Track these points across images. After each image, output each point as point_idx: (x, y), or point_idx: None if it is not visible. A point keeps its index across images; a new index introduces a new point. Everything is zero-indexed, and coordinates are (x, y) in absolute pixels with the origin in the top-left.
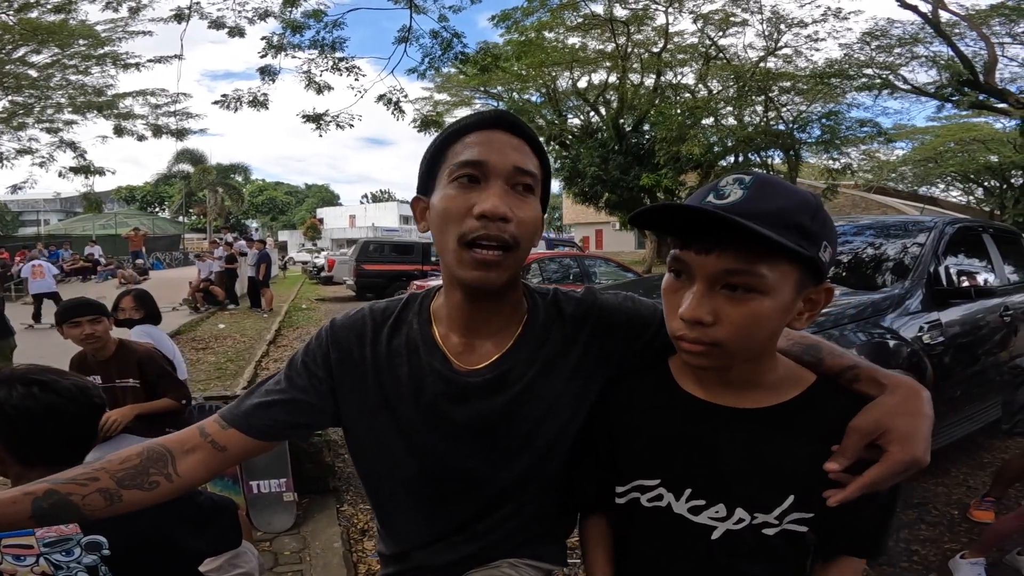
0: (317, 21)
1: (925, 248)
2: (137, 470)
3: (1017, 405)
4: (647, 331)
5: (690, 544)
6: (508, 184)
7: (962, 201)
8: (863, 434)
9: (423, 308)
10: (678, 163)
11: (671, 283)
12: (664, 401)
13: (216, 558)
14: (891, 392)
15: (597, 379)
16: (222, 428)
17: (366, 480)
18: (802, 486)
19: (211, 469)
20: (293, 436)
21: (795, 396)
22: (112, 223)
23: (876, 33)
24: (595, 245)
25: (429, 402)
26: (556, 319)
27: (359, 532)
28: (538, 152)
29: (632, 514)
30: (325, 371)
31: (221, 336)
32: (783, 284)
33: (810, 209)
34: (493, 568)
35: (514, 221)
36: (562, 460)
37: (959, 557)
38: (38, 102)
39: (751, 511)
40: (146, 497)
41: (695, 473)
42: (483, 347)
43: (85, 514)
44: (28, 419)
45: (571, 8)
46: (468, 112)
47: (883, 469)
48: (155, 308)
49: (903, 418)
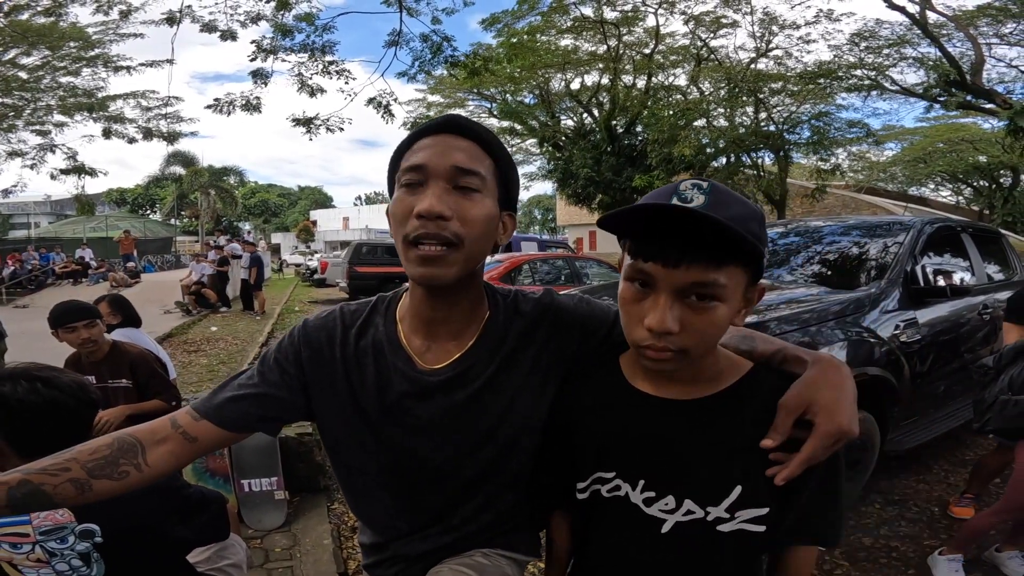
0: (308, 25)
1: (903, 247)
2: (107, 460)
3: (986, 404)
4: (601, 330)
5: (643, 535)
6: (449, 184)
7: (952, 201)
8: (790, 409)
9: (389, 310)
10: (670, 164)
11: (632, 293)
12: (616, 398)
13: (205, 549)
14: (811, 367)
15: (554, 375)
16: (194, 420)
17: (340, 473)
18: (747, 470)
19: (180, 459)
20: (262, 428)
21: (734, 383)
22: (103, 226)
23: (865, 34)
24: (588, 246)
25: (394, 400)
26: (515, 318)
27: (349, 529)
28: (493, 152)
29: (595, 505)
30: (296, 368)
31: (213, 339)
32: (736, 289)
33: (758, 216)
34: (466, 557)
35: (455, 219)
36: (527, 453)
37: (937, 554)
38: (28, 104)
39: (702, 504)
40: (115, 486)
41: (646, 465)
42: (445, 347)
43: (56, 503)
44: (31, 413)
45: (561, 11)
46: (462, 113)
47: (815, 441)
48: (132, 312)
49: (825, 391)
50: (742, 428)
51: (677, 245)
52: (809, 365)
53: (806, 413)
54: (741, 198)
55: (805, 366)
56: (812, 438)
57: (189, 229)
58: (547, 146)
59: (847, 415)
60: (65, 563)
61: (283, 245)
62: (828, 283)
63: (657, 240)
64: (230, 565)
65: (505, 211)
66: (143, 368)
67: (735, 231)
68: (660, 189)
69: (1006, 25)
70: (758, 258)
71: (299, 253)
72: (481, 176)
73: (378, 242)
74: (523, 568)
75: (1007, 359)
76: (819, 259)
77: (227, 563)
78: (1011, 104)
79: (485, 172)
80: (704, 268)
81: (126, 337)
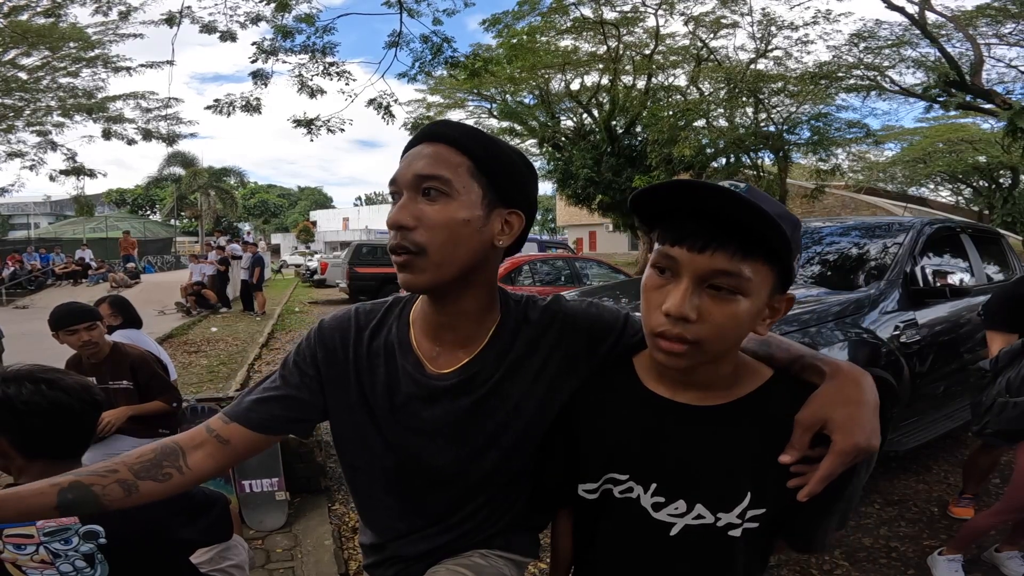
0: (309, 26)
1: (902, 248)
2: (151, 463)
3: (984, 407)
4: (610, 336)
5: (651, 538)
6: (415, 192)
7: (951, 201)
8: (806, 427)
9: (404, 312)
10: (670, 165)
11: (654, 279)
12: (631, 400)
13: (208, 550)
14: (829, 380)
15: (561, 382)
16: (225, 423)
17: (347, 472)
18: (758, 479)
19: (218, 461)
20: (292, 430)
21: (752, 391)
22: (103, 226)
23: (864, 35)
24: (588, 247)
25: (402, 402)
26: (523, 325)
27: (350, 530)
28: (470, 151)
29: (604, 505)
30: (314, 369)
31: (214, 339)
32: (761, 288)
33: (791, 221)
34: (464, 558)
35: (419, 227)
36: (529, 456)
37: (937, 554)
38: (28, 105)
39: (714, 510)
40: (160, 488)
41: (660, 469)
42: (454, 352)
43: (104, 504)
44: (36, 414)
45: (561, 12)
46: (462, 113)
47: (832, 459)
48: (133, 313)
49: (841, 408)
50: (758, 438)
51: (706, 229)
52: (827, 377)
53: (823, 429)
54: (776, 201)
55: (823, 377)
56: (829, 456)
57: (189, 230)
58: (547, 146)
59: (865, 432)
60: (69, 564)
61: (283, 246)
62: (828, 284)
63: (687, 224)
64: (232, 566)
65: (504, 209)
66: (144, 369)
67: (769, 217)
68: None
69: (1005, 25)
70: (787, 258)
71: (299, 254)
72: (444, 179)
73: (378, 243)
74: (522, 569)
75: (1004, 361)
76: (819, 260)
77: (230, 564)
78: (1010, 104)
79: (451, 174)
80: (730, 256)
81: (127, 338)
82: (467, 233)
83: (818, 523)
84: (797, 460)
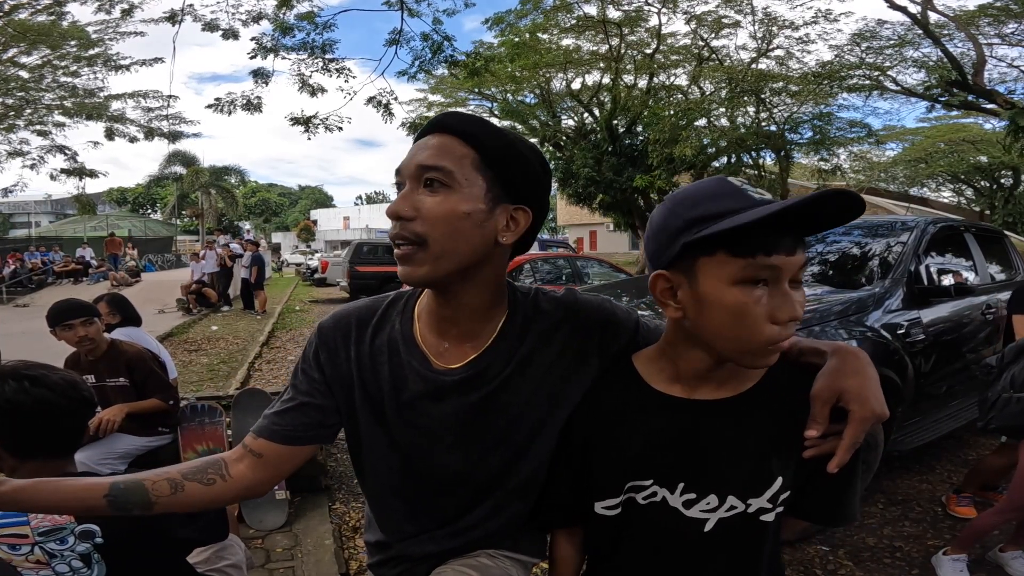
0: (309, 23)
1: (907, 247)
2: (198, 468)
3: (989, 402)
4: (623, 335)
5: (684, 536)
6: (417, 183)
7: (953, 201)
8: (824, 400)
9: (408, 306)
10: (671, 164)
11: (755, 295)
12: (642, 404)
13: (204, 549)
14: (832, 357)
15: (573, 378)
16: (254, 439)
17: (357, 473)
18: (784, 462)
19: (257, 473)
20: (316, 438)
21: (759, 381)
22: (104, 225)
23: (866, 34)
24: (589, 246)
25: (408, 400)
26: (535, 318)
27: (351, 529)
28: (477, 142)
29: (628, 515)
30: (319, 372)
31: (214, 338)
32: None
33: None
34: (470, 558)
35: (419, 218)
36: (539, 458)
37: (941, 554)
38: (29, 104)
39: (743, 498)
40: (204, 491)
41: (685, 468)
42: (462, 347)
43: (151, 498)
44: (21, 413)
45: (564, 10)
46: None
47: (853, 427)
48: (132, 311)
49: (851, 379)
50: (773, 422)
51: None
52: (829, 355)
53: (839, 401)
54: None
55: (824, 356)
56: (850, 425)
57: (190, 229)
58: (548, 146)
59: (877, 399)
60: (65, 564)
61: (283, 244)
62: (831, 282)
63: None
64: (229, 566)
65: (510, 205)
66: (140, 367)
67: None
68: (710, 190)
69: (1007, 25)
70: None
71: (299, 252)
72: (446, 170)
73: (379, 242)
74: (529, 569)
75: (1009, 357)
76: (822, 258)
77: (226, 563)
78: (1012, 104)
79: (454, 166)
80: (805, 250)
81: (127, 336)
82: (467, 227)
83: (848, 492)
84: (822, 433)
